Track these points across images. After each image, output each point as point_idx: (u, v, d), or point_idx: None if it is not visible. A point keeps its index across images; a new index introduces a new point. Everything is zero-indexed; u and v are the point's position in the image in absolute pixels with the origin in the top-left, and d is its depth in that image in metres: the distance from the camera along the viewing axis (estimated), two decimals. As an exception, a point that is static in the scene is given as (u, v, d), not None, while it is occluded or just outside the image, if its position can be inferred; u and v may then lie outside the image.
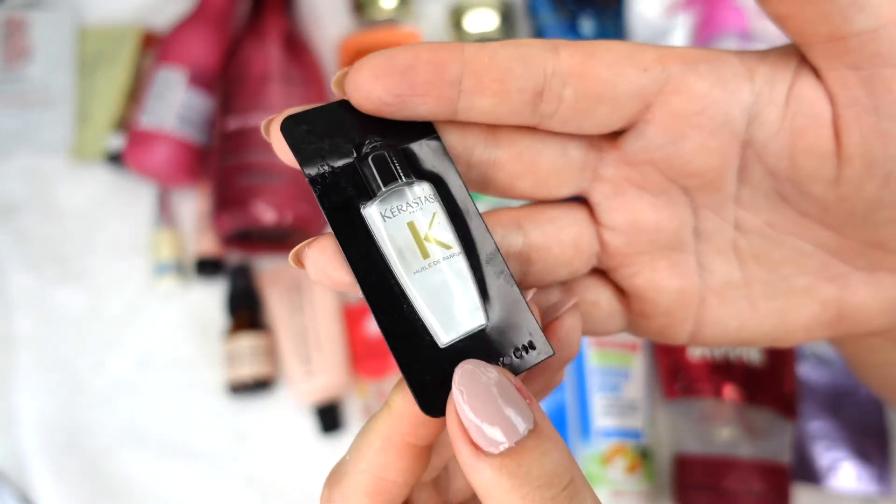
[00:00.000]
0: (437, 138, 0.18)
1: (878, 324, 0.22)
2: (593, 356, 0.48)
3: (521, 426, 0.15)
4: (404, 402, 0.17)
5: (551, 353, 0.17)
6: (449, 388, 0.16)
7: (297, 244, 0.16)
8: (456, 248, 0.17)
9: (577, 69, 0.18)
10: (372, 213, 0.17)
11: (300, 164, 0.17)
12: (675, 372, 0.47)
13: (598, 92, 0.18)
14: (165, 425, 0.51)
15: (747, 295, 0.21)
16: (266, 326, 0.52)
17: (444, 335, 0.17)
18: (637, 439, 0.46)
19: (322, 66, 0.56)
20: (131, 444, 0.51)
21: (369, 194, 0.17)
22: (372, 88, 0.17)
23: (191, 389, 0.52)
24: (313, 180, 0.17)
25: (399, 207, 0.17)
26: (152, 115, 0.53)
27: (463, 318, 0.17)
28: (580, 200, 0.21)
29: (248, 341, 0.50)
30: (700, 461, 0.44)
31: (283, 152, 0.18)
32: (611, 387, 0.47)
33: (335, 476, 0.19)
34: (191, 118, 0.54)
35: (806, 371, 0.47)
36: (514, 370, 0.17)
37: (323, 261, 0.17)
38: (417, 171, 0.18)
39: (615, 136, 0.20)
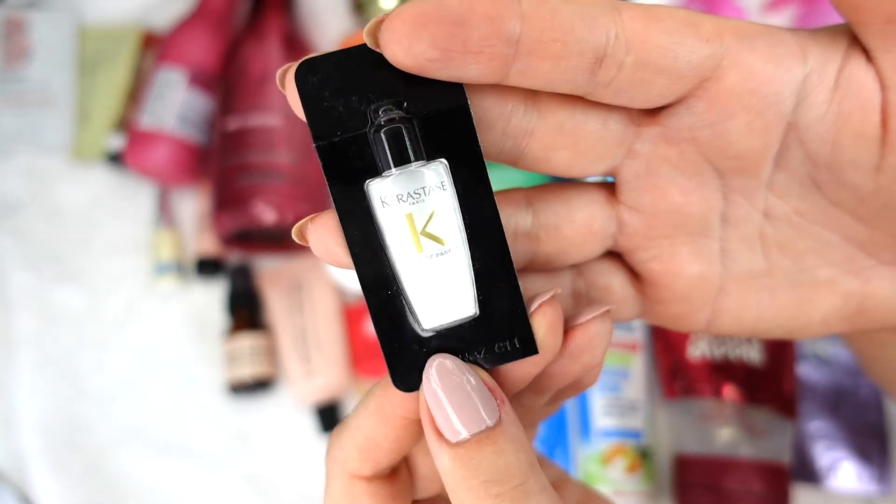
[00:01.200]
0: (465, 105, 0.16)
1: (894, 318, 0.21)
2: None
3: (484, 422, 0.16)
4: None
5: (535, 352, 0.17)
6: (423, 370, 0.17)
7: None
8: (453, 243, 0.17)
9: (641, 35, 0.16)
10: (375, 193, 0.16)
11: (310, 126, 0.16)
12: (675, 372, 0.47)
13: (658, 62, 0.16)
14: (165, 425, 0.51)
15: (768, 285, 0.21)
16: (266, 326, 0.52)
17: (427, 324, 0.17)
18: (637, 439, 0.46)
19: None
20: (131, 443, 0.51)
21: (377, 169, 0.16)
22: (416, 41, 0.15)
23: (191, 389, 0.52)
24: (320, 147, 0.16)
25: (400, 197, 0.16)
26: (152, 115, 0.53)
27: (449, 310, 0.17)
28: (596, 183, 0.21)
29: (248, 341, 0.50)
30: (700, 461, 0.44)
31: (296, 106, 0.16)
32: (611, 387, 0.47)
33: (341, 425, 0.20)
34: (191, 118, 0.54)
35: (806, 371, 0.47)
36: (493, 363, 0.17)
37: (325, 236, 0.17)
38: (436, 145, 0.16)
39: (656, 110, 0.18)
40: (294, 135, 0.50)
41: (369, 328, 0.51)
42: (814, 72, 0.17)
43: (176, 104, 0.53)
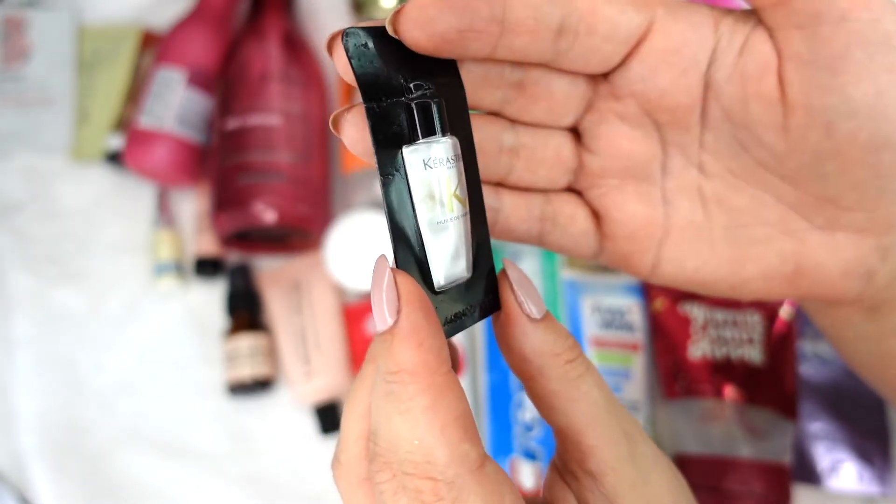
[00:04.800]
0: (463, 92, 0.20)
1: (841, 287, 0.23)
2: (594, 356, 0.48)
3: (543, 304, 0.20)
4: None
5: (499, 308, 0.20)
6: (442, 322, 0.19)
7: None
8: (468, 207, 0.19)
9: (591, 8, 0.20)
10: (413, 158, 0.18)
11: (360, 87, 0.18)
12: (675, 372, 0.47)
13: (604, 30, 0.20)
14: (165, 425, 0.51)
15: (708, 237, 0.23)
16: (266, 327, 0.52)
17: (439, 281, 0.19)
18: (637, 439, 0.46)
19: (322, 66, 0.56)
20: (131, 444, 0.51)
21: (410, 137, 0.18)
22: (436, 23, 0.18)
23: (191, 389, 0.52)
24: (369, 109, 0.18)
25: (438, 160, 0.18)
26: (151, 114, 0.53)
27: (456, 270, 0.19)
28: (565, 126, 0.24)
29: (247, 342, 0.50)
30: (700, 461, 0.44)
31: (344, 68, 0.18)
32: (611, 387, 0.46)
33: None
34: (190, 118, 0.53)
35: (807, 371, 0.47)
36: (476, 319, 0.20)
37: (359, 121, 0.19)
38: (450, 124, 0.19)
39: (606, 73, 0.22)
40: (294, 135, 0.50)
41: (369, 328, 0.51)
42: (723, 38, 0.20)
43: (175, 104, 0.53)
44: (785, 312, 0.47)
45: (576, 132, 0.24)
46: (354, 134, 0.19)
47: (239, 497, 0.50)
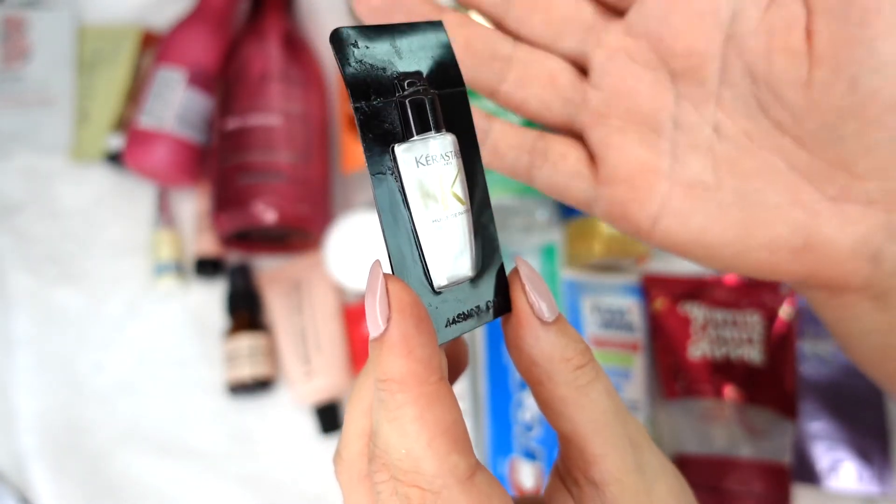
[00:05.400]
0: (463, 88, 0.20)
1: (848, 268, 0.22)
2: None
3: (555, 306, 0.19)
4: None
5: (509, 310, 0.19)
6: (440, 323, 0.18)
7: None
8: (468, 204, 0.19)
9: None
10: (406, 156, 0.18)
11: (348, 86, 0.17)
12: (675, 372, 0.47)
13: None
14: (165, 425, 0.51)
15: (717, 198, 0.23)
16: (266, 327, 0.52)
17: (440, 281, 0.18)
18: (637, 439, 0.46)
19: (322, 66, 0.56)
20: (131, 444, 0.51)
21: (403, 135, 0.18)
22: None
23: (191, 389, 0.52)
24: (357, 109, 0.17)
25: (432, 157, 0.18)
26: (152, 114, 0.53)
27: (457, 269, 0.19)
28: (572, 63, 0.25)
29: (247, 341, 0.50)
30: (700, 461, 0.44)
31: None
32: (611, 387, 0.47)
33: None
34: (190, 118, 0.53)
35: (806, 371, 0.47)
36: (483, 320, 0.19)
37: None
38: (446, 121, 0.19)
39: (623, 10, 0.23)
40: (294, 135, 0.50)
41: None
42: None
43: (175, 104, 0.53)
44: (785, 312, 0.47)
45: (584, 71, 0.24)
46: None
47: (239, 497, 0.50)
